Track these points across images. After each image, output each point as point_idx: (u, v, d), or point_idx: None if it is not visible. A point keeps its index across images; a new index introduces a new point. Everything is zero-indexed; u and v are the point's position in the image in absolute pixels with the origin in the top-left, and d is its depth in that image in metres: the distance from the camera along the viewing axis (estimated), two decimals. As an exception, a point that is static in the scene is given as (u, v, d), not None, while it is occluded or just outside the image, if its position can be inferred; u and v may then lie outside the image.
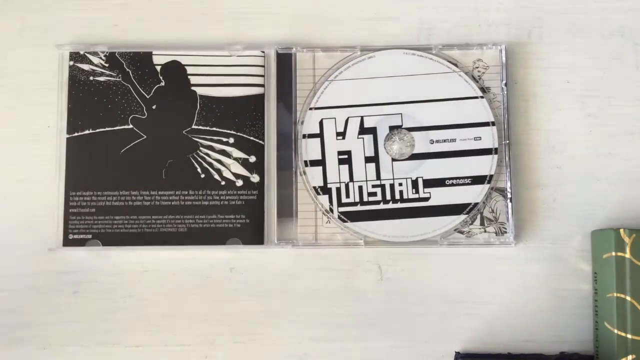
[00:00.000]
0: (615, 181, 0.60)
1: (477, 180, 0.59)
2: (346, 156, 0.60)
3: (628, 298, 0.55)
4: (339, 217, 0.59)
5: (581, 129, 0.61)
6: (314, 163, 0.60)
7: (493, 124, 0.59)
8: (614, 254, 0.55)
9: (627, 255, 0.55)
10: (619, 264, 0.55)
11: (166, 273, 0.60)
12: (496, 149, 0.59)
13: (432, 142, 0.59)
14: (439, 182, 0.59)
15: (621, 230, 0.55)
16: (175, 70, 0.61)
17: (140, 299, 0.59)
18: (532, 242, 0.59)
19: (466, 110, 0.59)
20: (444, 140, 0.59)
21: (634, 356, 0.54)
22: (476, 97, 0.59)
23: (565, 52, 0.61)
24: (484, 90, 0.60)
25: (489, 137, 0.59)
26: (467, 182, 0.59)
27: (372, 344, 0.59)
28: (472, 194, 0.59)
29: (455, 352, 0.58)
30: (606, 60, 0.61)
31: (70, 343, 0.59)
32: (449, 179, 0.59)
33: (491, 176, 0.59)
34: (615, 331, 0.55)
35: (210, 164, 0.60)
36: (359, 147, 0.60)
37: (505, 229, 0.59)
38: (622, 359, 0.54)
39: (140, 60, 0.61)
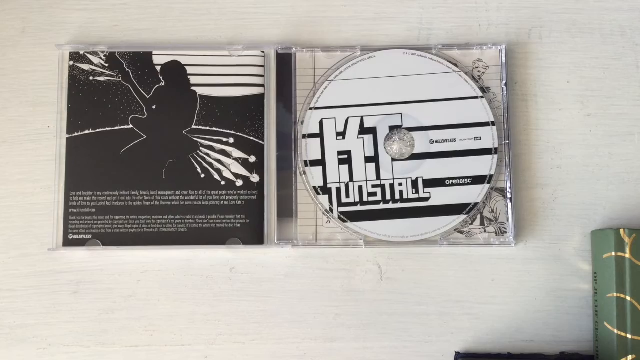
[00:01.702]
0: (615, 181, 0.60)
1: (477, 180, 0.59)
2: (346, 156, 0.59)
3: (628, 298, 0.55)
4: (339, 217, 0.59)
5: (581, 129, 0.61)
6: (314, 163, 0.60)
7: (493, 124, 0.59)
8: (614, 254, 0.55)
9: (627, 255, 0.55)
10: (619, 264, 0.55)
11: (166, 273, 0.60)
12: (496, 149, 0.59)
13: (432, 142, 0.59)
14: (439, 182, 0.59)
15: (621, 230, 0.55)
16: (175, 70, 0.61)
17: (140, 299, 0.59)
18: (532, 242, 0.59)
19: (466, 110, 0.59)
20: (444, 140, 0.59)
21: (634, 356, 0.54)
22: (476, 97, 0.59)
23: (565, 52, 0.61)
24: (484, 90, 0.60)
25: (489, 137, 0.59)
26: (467, 182, 0.59)
27: (372, 344, 0.59)
28: (472, 194, 0.59)
29: (455, 352, 0.58)
30: (606, 60, 0.61)
31: (70, 343, 0.59)
32: (449, 179, 0.59)
33: (491, 176, 0.59)
34: (615, 331, 0.55)
35: (210, 164, 0.60)
36: (359, 147, 0.59)
37: (505, 229, 0.59)
38: (622, 359, 0.54)
39: (140, 60, 0.61)
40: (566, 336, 0.58)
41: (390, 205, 0.59)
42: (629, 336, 0.54)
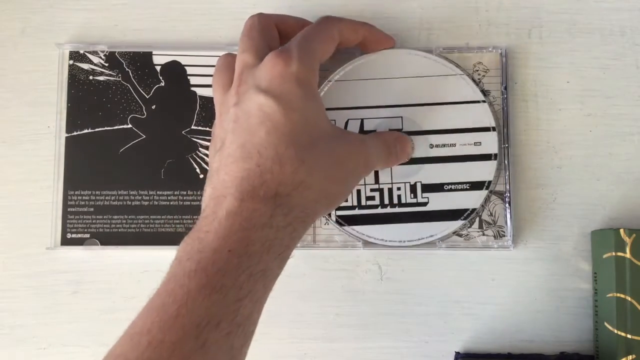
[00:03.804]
0: (615, 181, 0.60)
1: (476, 186, 0.58)
2: None
3: (628, 298, 0.54)
4: (337, 221, 0.59)
5: (581, 129, 0.60)
6: None
7: (494, 129, 0.59)
8: (614, 254, 0.55)
9: (627, 255, 0.55)
10: (619, 264, 0.55)
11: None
12: (496, 154, 0.58)
13: (431, 146, 0.59)
14: (438, 187, 0.58)
15: (621, 230, 0.55)
16: (175, 70, 0.61)
17: (140, 299, 0.59)
18: (532, 242, 0.59)
19: (467, 115, 0.59)
20: (444, 145, 0.59)
21: (634, 356, 0.54)
22: (478, 102, 0.59)
23: (565, 52, 0.61)
24: (484, 93, 0.59)
25: (489, 143, 0.59)
26: (465, 187, 0.58)
27: (372, 344, 0.59)
28: (471, 200, 0.58)
29: (455, 352, 0.58)
30: (606, 60, 0.61)
31: (70, 343, 0.59)
32: (448, 184, 0.58)
33: (490, 182, 0.58)
34: (615, 331, 0.55)
35: (210, 164, 0.60)
36: None
37: (504, 232, 0.58)
38: (622, 359, 0.54)
39: (140, 60, 0.61)
40: (566, 336, 0.58)
41: (388, 210, 0.59)
42: (628, 336, 0.54)
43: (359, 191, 0.59)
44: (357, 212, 0.59)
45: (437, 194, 0.58)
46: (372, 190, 0.59)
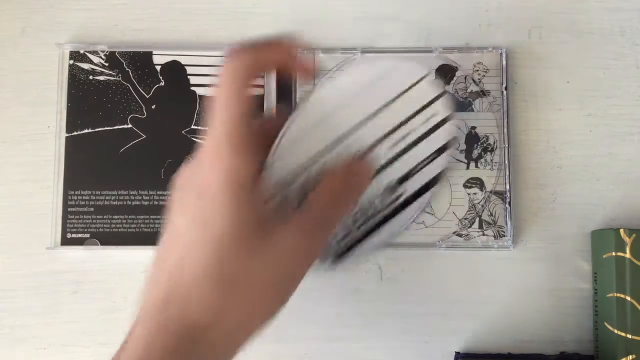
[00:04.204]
0: (615, 181, 0.60)
1: (441, 150, 0.51)
2: None
3: (628, 298, 0.54)
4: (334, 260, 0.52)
5: (581, 129, 0.61)
6: None
7: (442, 94, 0.50)
8: (614, 254, 0.55)
9: (627, 255, 0.55)
10: (619, 264, 0.55)
11: (166, 273, 0.60)
12: (448, 116, 0.51)
13: (393, 145, 0.51)
14: (411, 174, 0.51)
15: (621, 230, 0.55)
16: (175, 70, 0.61)
17: (140, 299, 0.59)
18: (532, 242, 0.59)
19: (415, 96, 0.51)
20: (404, 137, 0.51)
21: (634, 356, 0.54)
22: (422, 78, 0.50)
23: (565, 52, 0.61)
24: (484, 93, 0.59)
25: (441, 109, 0.51)
26: (433, 158, 0.51)
27: (372, 344, 0.59)
28: (439, 166, 0.51)
29: (455, 352, 0.58)
30: (606, 60, 0.61)
31: (70, 343, 0.59)
32: (418, 165, 0.51)
33: (449, 141, 0.51)
34: (615, 331, 0.55)
35: (210, 164, 0.60)
36: None
37: (504, 232, 0.58)
38: (622, 359, 0.54)
39: (140, 60, 0.61)
40: (566, 336, 0.58)
41: (376, 218, 0.52)
42: (629, 336, 0.54)
43: (343, 223, 0.51)
44: (350, 237, 0.51)
45: (411, 180, 0.51)
46: (354, 214, 0.51)
